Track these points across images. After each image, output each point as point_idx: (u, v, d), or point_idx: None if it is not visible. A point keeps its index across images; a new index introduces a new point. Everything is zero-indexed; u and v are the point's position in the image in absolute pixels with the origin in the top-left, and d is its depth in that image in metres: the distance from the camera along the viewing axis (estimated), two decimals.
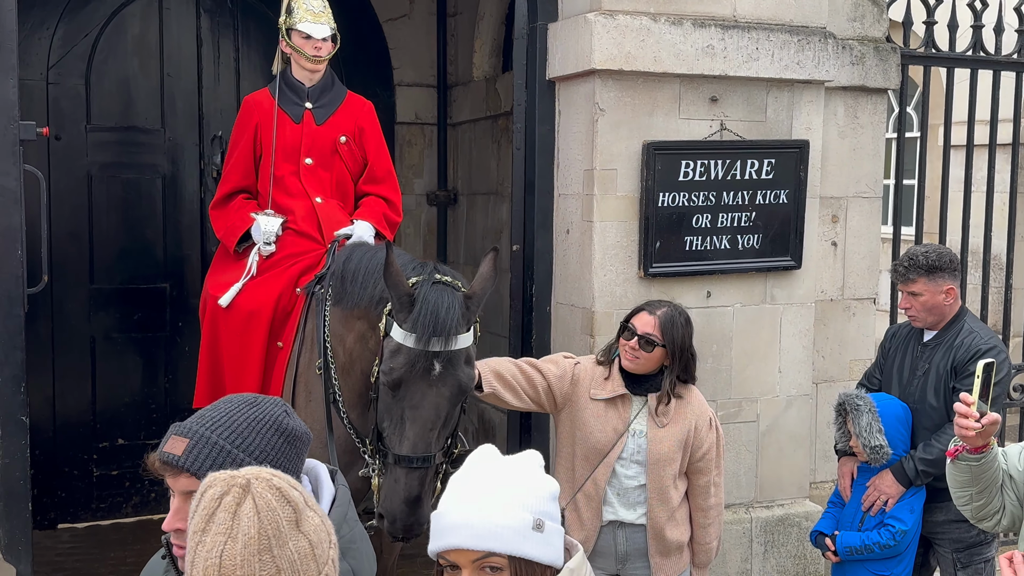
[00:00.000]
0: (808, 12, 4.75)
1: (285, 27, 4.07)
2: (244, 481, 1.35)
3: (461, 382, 2.99)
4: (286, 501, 1.36)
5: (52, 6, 5.79)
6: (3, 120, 3.79)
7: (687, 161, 4.50)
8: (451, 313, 2.95)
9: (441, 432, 3.02)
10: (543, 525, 1.59)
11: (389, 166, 4.32)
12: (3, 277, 3.83)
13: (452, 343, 2.94)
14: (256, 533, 1.32)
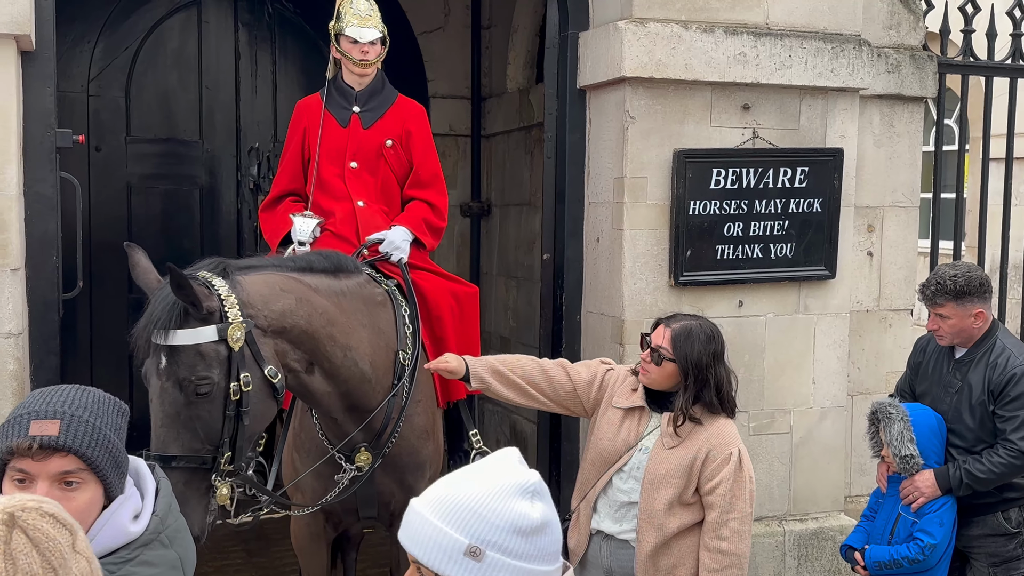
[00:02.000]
0: (842, 20, 4.71)
1: (334, 32, 4.08)
2: (6, 517, 1.25)
3: (180, 377, 2.80)
4: (62, 525, 1.29)
5: (93, 20, 5.91)
6: (40, 128, 3.87)
7: (719, 169, 4.47)
8: (165, 305, 2.81)
9: (183, 433, 2.83)
10: (480, 554, 1.45)
11: (436, 170, 4.21)
12: (39, 282, 3.89)
13: (170, 338, 2.80)
14: (39, 568, 1.24)
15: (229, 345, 2.88)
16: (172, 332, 2.80)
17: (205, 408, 2.85)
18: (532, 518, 1.47)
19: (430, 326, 3.87)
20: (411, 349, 3.60)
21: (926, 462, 3.66)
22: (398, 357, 3.54)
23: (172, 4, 6.15)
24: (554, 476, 4.92)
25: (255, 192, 6.42)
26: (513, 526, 1.46)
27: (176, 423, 2.83)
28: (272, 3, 6.39)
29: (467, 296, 4.11)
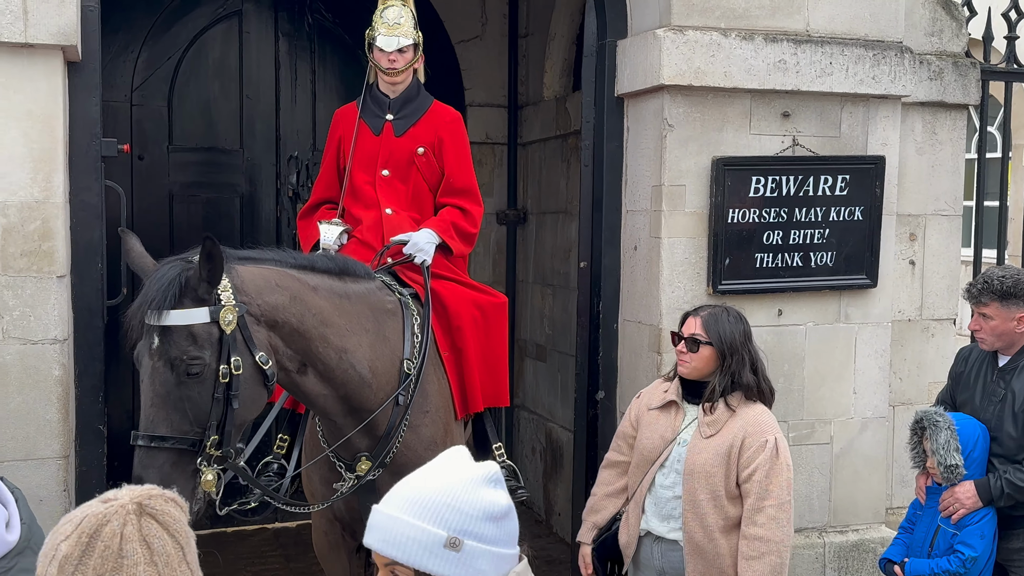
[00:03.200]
0: (884, 26, 4.66)
1: (367, 40, 4.11)
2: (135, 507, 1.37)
3: (172, 356, 2.84)
4: (179, 505, 1.43)
5: (137, 30, 6.00)
6: (85, 137, 3.93)
7: (758, 177, 4.44)
8: (159, 286, 2.85)
9: (172, 414, 2.86)
10: (459, 544, 1.51)
11: (470, 177, 4.18)
12: (84, 289, 3.95)
13: (163, 318, 2.83)
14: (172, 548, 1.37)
15: (221, 327, 2.91)
16: (165, 312, 2.84)
17: (195, 389, 2.88)
18: (501, 504, 1.56)
19: (450, 337, 3.83)
20: (418, 358, 3.57)
21: (968, 472, 3.60)
22: (403, 366, 3.51)
23: (214, 15, 6.22)
24: (591, 485, 4.90)
25: (294, 200, 6.47)
26: (485, 513, 1.53)
27: (166, 404, 2.86)
28: (312, 13, 6.45)
29: (494, 307, 4.05)
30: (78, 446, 3.97)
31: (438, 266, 3.94)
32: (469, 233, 4.10)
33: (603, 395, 4.83)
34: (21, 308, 3.72)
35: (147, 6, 6.02)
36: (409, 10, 4.08)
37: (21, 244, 3.70)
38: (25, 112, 3.70)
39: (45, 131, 3.73)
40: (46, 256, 3.74)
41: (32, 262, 3.72)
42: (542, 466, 6.80)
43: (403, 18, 4.04)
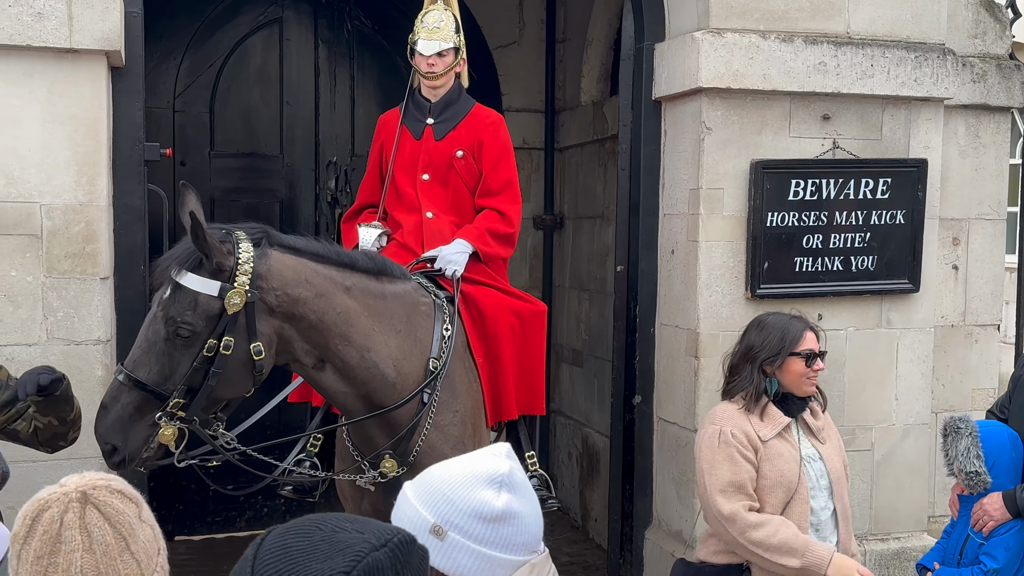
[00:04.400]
0: (926, 28, 4.61)
1: (409, 45, 4.13)
2: (79, 495, 1.39)
3: (169, 314, 2.97)
4: (128, 499, 1.43)
5: (179, 37, 6.09)
6: (129, 141, 4.00)
7: (797, 180, 4.41)
8: (189, 248, 3.00)
9: (154, 363, 2.99)
10: (442, 533, 1.55)
11: (508, 177, 4.15)
12: (127, 291, 4.01)
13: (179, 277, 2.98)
14: (112, 539, 1.38)
15: (224, 306, 3.00)
16: (183, 272, 2.99)
17: (178, 350, 3.01)
18: (494, 507, 1.56)
19: (485, 344, 3.81)
20: (445, 357, 3.56)
21: (997, 480, 3.51)
22: (429, 364, 3.50)
23: (255, 22, 6.29)
24: (627, 490, 4.89)
25: (333, 205, 6.53)
26: (474, 511, 1.55)
27: (150, 351, 3.01)
28: (351, 20, 6.50)
29: (532, 314, 4.02)
30: None
31: (475, 272, 3.92)
32: (506, 234, 4.06)
33: (640, 399, 4.81)
34: (65, 309, 3.78)
35: (189, 14, 6.11)
36: (451, 14, 4.09)
37: (66, 246, 3.77)
38: (70, 116, 3.77)
39: (89, 135, 3.79)
40: (90, 258, 3.80)
41: (76, 264, 3.78)
42: (578, 472, 6.78)
43: (443, 22, 4.05)
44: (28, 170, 3.73)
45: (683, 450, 4.56)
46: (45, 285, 3.76)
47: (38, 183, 3.74)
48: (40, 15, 3.67)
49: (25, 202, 3.73)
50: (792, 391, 3.20)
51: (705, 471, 3.15)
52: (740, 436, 3.12)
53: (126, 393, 3.00)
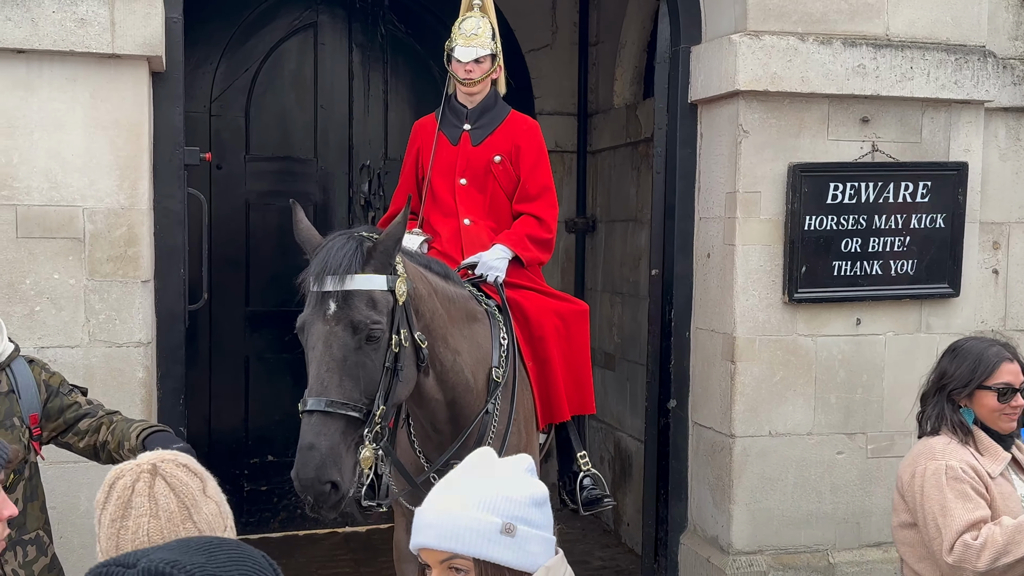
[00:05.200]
0: (966, 30, 4.56)
1: (446, 52, 4.15)
2: (150, 467, 1.55)
3: (354, 320, 2.86)
4: (193, 474, 1.58)
5: (215, 42, 6.14)
6: (169, 146, 4.04)
7: (836, 183, 4.37)
8: (344, 252, 2.90)
9: (345, 380, 2.84)
10: (514, 530, 1.59)
11: (545, 182, 4.15)
12: (167, 294, 4.05)
13: (346, 283, 2.86)
14: (176, 507, 1.53)
15: (395, 297, 2.97)
16: (349, 277, 2.88)
17: (371, 356, 2.90)
18: (543, 491, 1.67)
19: (532, 347, 3.83)
20: (505, 366, 3.57)
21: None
22: (492, 374, 3.52)
23: (290, 27, 6.34)
24: (662, 495, 4.86)
25: (366, 208, 6.56)
26: (532, 500, 1.64)
27: (341, 368, 2.85)
28: (385, 24, 6.53)
29: (574, 315, 4.03)
30: None
31: (516, 276, 3.94)
32: (544, 239, 4.07)
33: (675, 404, 4.79)
34: (107, 312, 3.82)
35: (225, 19, 6.16)
36: (488, 21, 4.10)
37: (107, 250, 3.81)
38: (112, 121, 3.82)
39: (131, 140, 3.84)
40: (131, 261, 3.84)
41: (118, 267, 3.83)
42: (610, 476, 6.75)
43: (480, 29, 4.06)
44: (71, 174, 3.78)
45: (718, 455, 4.54)
46: (87, 288, 3.80)
47: (81, 187, 3.79)
48: (83, 21, 3.72)
49: (68, 206, 3.78)
50: (989, 426, 2.89)
51: (937, 514, 2.75)
52: (970, 471, 2.79)
53: (329, 423, 2.79)
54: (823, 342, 4.47)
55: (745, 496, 4.45)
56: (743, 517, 4.45)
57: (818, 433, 4.50)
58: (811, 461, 4.50)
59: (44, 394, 3.02)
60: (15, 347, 3.02)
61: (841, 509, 4.55)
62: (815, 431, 4.50)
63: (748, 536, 4.46)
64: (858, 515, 4.57)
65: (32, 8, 3.68)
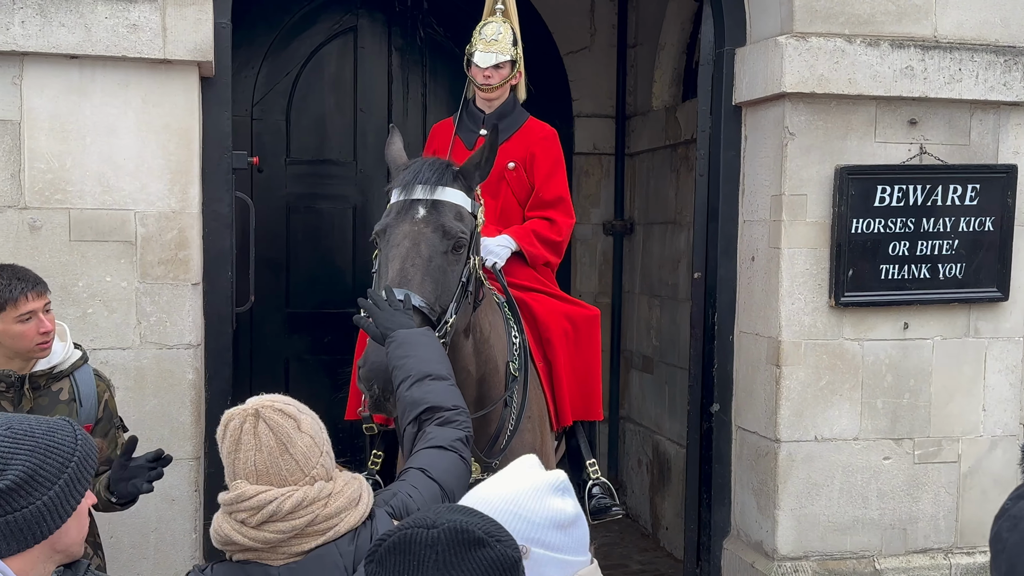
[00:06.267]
0: (1015, 32, 4.50)
1: (466, 56, 4.14)
2: (253, 411, 1.89)
3: (445, 225, 2.90)
4: (287, 415, 1.90)
5: (257, 46, 6.19)
6: (218, 150, 4.07)
7: (883, 186, 4.33)
8: (436, 167, 2.97)
9: (427, 280, 2.82)
10: (527, 552, 1.53)
11: (561, 192, 4.14)
12: (215, 296, 4.09)
13: (436, 192, 2.92)
14: (274, 443, 1.87)
15: (476, 220, 3.05)
16: (440, 188, 2.95)
17: (453, 264, 2.94)
18: (568, 512, 1.59)
19: (541, 349, 3.82)
20: (519, 360, 3.56)
21: None
22: (508, 367, 3.51)
23: (330, 31, 6.38)
24: (704, 499, 4.84)
25: None
26: (552, 521, 1.57)
27: (426, 267, 2.85)
28: (424, 28, 6.55)
29: (585, 319, 4.00)
30: (207, 448, 4.09)
31: (526, 277, 3.93)
32: (552, 240, 4.03)
33: (718, 408, 4.76)
34: (158, 314, 3.87)
35: (267, 24, 6.21)
36: (509, 27, 4.08)
37: (159, 253, 3.85)
38: (163, 126, 3.86)
39: (182, 144, 3.88)
40: (182, 264, 3.88)
41: (168, 270, 3.87)
42: (648, 479, 6.74)
43: (501, 35, 4.04)
44: (123, 178, 3.82)
45: (763, 459, 4.51)
46: (139, 290, 3.84)
47: (132, 191, 3.83)
48: (135, 27, 3.76)
49: (120, 209, 3.82)
50: None
51: None
52: None
53: (415, 316, 2.75)
54: (870, 346, 4.43)
55: (790, 501, 4.42)
56: (788, 522, 4.42)
57: (864, 438, 4.46)
58: (857, 466, 4.46)
59: (100, 412, 3.06)
60: (82, 354, 3.08)
61: (888, 515, 4.50)
62: (861, 436, 4.46)
63: (793, 542, 4.43)
64: (905, 521, 4.52)
65: (85, 14, 3.72)
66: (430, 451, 2.24)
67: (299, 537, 1.83)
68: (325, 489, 1.87)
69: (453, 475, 2.21)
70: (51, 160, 3.77)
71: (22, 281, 2.88)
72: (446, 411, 2.35)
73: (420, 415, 2.36)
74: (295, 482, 1.86)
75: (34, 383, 2.94)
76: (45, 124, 3.76)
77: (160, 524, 3.89)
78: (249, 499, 1.82)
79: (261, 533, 1.82)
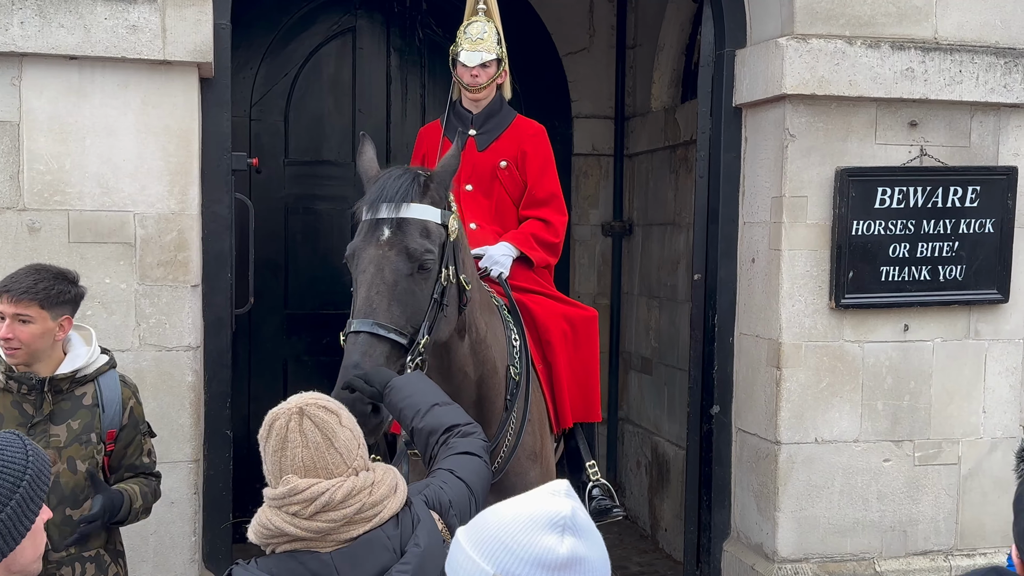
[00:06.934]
0: (1015, 33, 4.51)
1: (452, 57, 4.13)
2: (298, 410, 1.95)
3: (409, 247, 2.86)
4: (329, 411, 1.96)
5: (256, 47, 6.17)
6: (217, 151, 4.06)
7: (884, 188, 4.33)
8: (401, 182, 2.91)
9: (394, 305, 2.82)
10: None
11: (553, 189, 4.12)
12: (214, 298, 4.07)
13: (402, 210, 2.87)
14: (320, 439, 1.93)
15: (447, 231, 2.98)
16: (405, 205, 2.89)
17: (420, 285, 2.90)
18: (558, 553, 1.42)
19: (540, 351, 3.80)
20: (520, 365, 3.54)
21: None
22: (509, 371, 3.49)
23: (329, 32, 6.37)
24: (704, 501, 4.84)
25: None
26: (537, 559, 1.41)
27: (391, 293, 2.84)
28: (423, 28, 6.54)
29: (584, 320, 3.99)
30: (207, 450, 4.08)
31: (524, 279, 3.92)
32: (550, 243, 4.04)
33: (718, 409, 4.76)
34: (157, 316, 3.85)
35: (266, 24, 6.19)
36: (493, 26, 4.07)
37: (158, 254, 3.84)
38: (163, 127, 3.85)
39: (182, 145, 3.86)
40: (181, 266, 3.87)
41: (168, 272, 3.85)
42: (647, 480, 6.73)
43: (486, 33, 4.03)
44: (122, 180, 3.81)
45: (763, 461, 4.50)
46: (138, 292, 3.83)
47: (132, 192, 3.82)
48: (135, 28, 3.75)
49: (119, 211, 3.81)
50: None
51: None
52: None
53: (377, 344, 2.77)
54: (870, 348, 4.43)
55: (791, 503, 4.41)
56: (788, 524, 4.42)
57: (864, 440, 4.46)
58: (857, 468, 4.46)
59: (125, 419, 3.05)
60: (109, 359, 3.07)
61: (888, 517, 4.50)
62: (862, 438, 4.46)
63: (794, 544, 4.43)
64: (905, 523, 4.52)
65: (85, 15, 3.71)
66: (455, 457, 2.34)
67: (348, 524, 1.91)
68: (368, 478, 1.96)
69: (478, 476, 2.31)
70: (50, 161, 3.76)
71: (13, 280, 2.89)
72: (463, 426, 2.48)
73: (442, 435, 2.45)
74: (340, 474, 1.94)
75: (56, 386, 2.94)
76: (44, 125, 3.75)
77: (159, 527, 3.87)
78: (302, 491, 1.89)
79: (314, 523, 1.90)
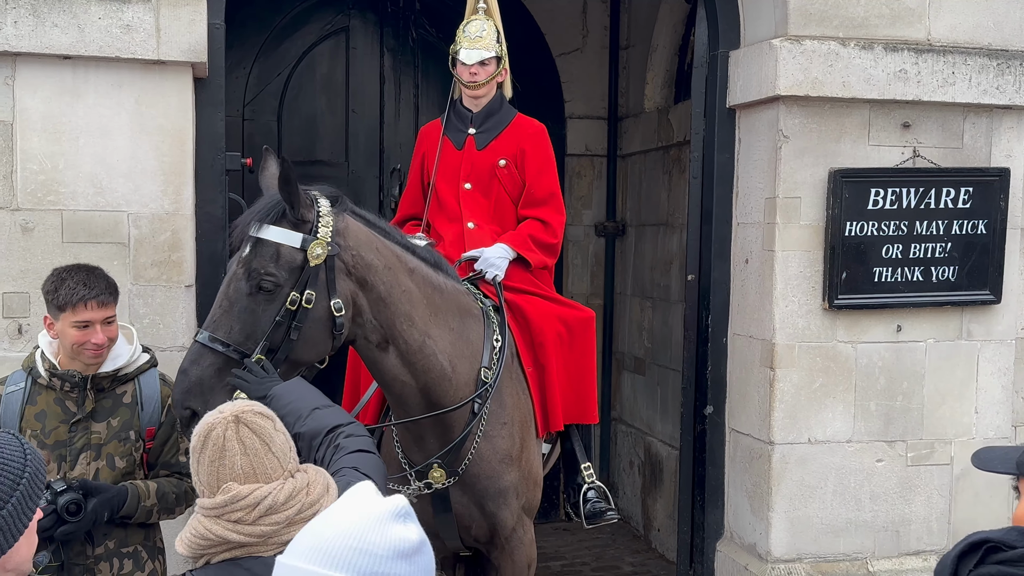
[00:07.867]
0: (1008, 35, 4.53)
1: (451, 55, 4.13)
2: (233, 418, 1.98)
3: (252, 268, 2.92)
4: (265, 416, 2.03)
5: (249, 46, 6.16)
6: (211, 151, 4.05)
7: (877, 189, 4.35)
8: (267, 203, 3.00)
9: (234, 322, 2.91)
10: None
11: (552, 188, 4.11)
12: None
13: (260, 231, 2.94)
14: (259, 445, 1.98)
15: (307, 257, 2.97)
16: (264, 226, 2.96)
17: (260, 305, 2.94)
18: (411, 540, 1.46)
19: (533, 352, 3.79)
20: (496, 368, 3.53)
21: None
22: (480, 374, 3.48)
23: (322, 31, 6.36)
24: (698, 501, 4.85)
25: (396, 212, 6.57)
26: (395, 551, 1.44)
27: (231, 310, 2.94)
28: (416, 28, 6.54)
29: (580, 322, 3.98)
30: None
31: (520, 280, 3.91)
32: (549, 244, 4.03)
33: (712, 410, 4.77)
34: (151, 316, 3.84)
35: (259, 24, 6.18)
36: (492, 24, 4.07)
37: (152, 254, 3.83)
38: (156, 127, 3.83)
39: (175, 145, 3.85)
40: (175, 266, 3.86)
41: (162, 272, 3.84)
42: (640, 481, 6.74)
43: (485, 32, 4.03)
44: (116, 180, 3.79)
45: (757, 462, 4.52)
46: (132, 292, 3.81)
47: (126, 192, 3.80)
48: (129, 27, 3.73)
49: (113, 211, 3.80)
50: None
51: None
52: None
53: (207, 355, 2.91)
54: (863, 349, 4.44)
55: (784, 504, 4.43)
56: (782, 525, 4.43)
57: (858, 440, 4.48)
58: (851, 469, 4.47)
59: (163, 417, 3.05)
60: (150, 358, 3.08)
61: (881, 517, 4.52)
62: (855, 438, 4.47)
63: (787, 544, 4.44)
64: (897, 523, 4.54)
65: (79, 14, 3.70)
66: (353, 455, 2.37)
67: (290, 525, 1.93)
68: (304, 479, 2.02)
69: (378, 473, 2.35)
70: (44, 161, 3.74)
71: (88, 288, 2.91)
72: (345, 426, 2.52)
73: (326, 436, 2.49)
74: (278, 477, 1.99)
75: (98, 384, 2.97)
76: (38, 125, 3.74)
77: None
78: (244, 497, 1.93)
79: (258, 527, 1.93)
